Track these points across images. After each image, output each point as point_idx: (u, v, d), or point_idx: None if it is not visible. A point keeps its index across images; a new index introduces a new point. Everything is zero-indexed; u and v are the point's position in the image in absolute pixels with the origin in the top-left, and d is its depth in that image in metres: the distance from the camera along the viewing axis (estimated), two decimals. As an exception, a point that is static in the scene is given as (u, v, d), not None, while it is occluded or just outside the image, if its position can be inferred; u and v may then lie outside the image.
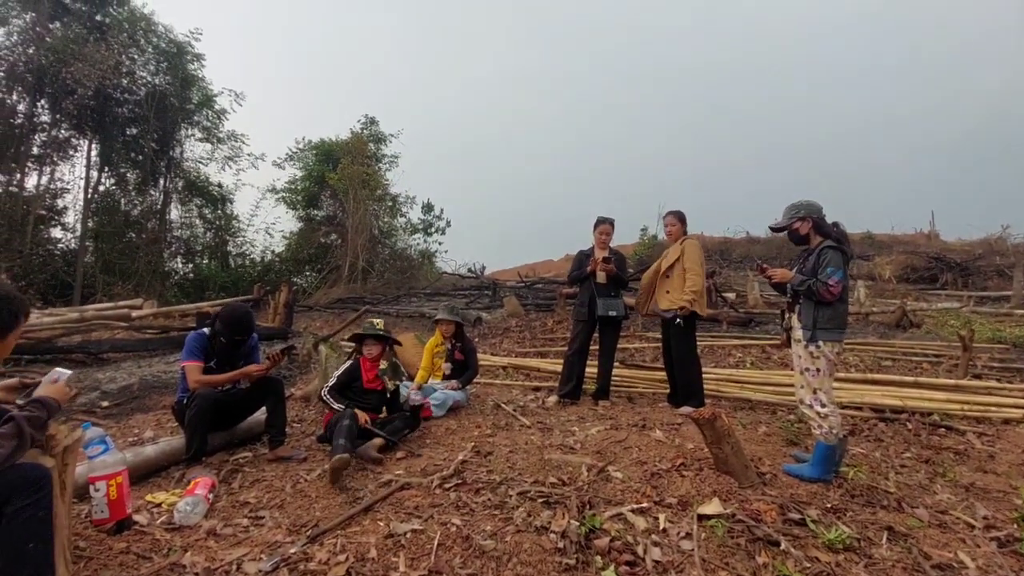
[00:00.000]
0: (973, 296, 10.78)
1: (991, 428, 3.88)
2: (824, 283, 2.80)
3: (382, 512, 2.37)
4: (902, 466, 3.20)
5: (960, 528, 2.43)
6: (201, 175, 16.81)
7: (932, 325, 7.88)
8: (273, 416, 3.22)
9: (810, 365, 2.87)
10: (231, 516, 2.40)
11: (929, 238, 17.37)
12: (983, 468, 3.18)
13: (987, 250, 14.17)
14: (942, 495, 2.79)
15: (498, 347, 7.31)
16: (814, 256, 2.92)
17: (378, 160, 18.19)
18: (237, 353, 3.26)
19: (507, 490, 2.61)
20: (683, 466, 2.90)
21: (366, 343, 3.67)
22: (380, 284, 15.68)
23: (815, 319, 2.85)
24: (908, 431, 3.85)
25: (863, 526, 2.39)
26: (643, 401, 4.78)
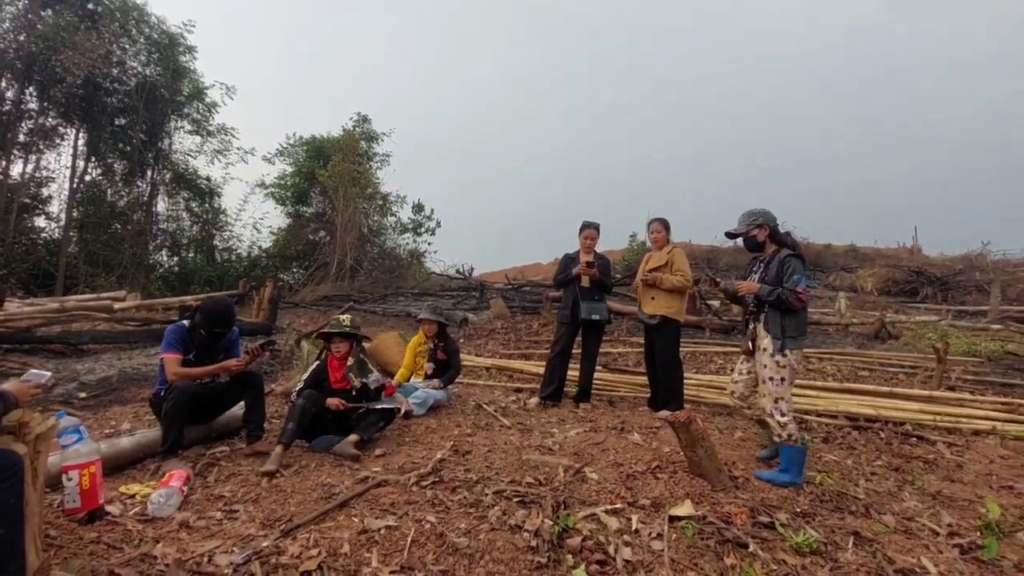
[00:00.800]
0: (951, 310, 11.00)
1: (961, 439, 3.98)
2: (792, 291, 2.87)
3: (357, 508, 2.38)
4: (872, 473, 3.26)
5: (925, 535, 2.48)
6: (189, 168, 16.68)
7: (910, 337, 8.03)
8: (251, 411, 3.21)
9: (775, 374, 2.93)
10: (205, 509, 2.39)
11: (912, 252, 17.70)
12: (951, 477, 3.26)
13: (967, 266, 14.48)
14: (909, 502, 2.85)
15: (483, 348, 7.32)
16: (776, 265, 2.99)
17: (369, 158, 18.16)
18: (217, 347, 3.25)
19: (483, 489, 2.63)
20: (658, 468, 2.93)
21: (333, 341, 3.59)
22: (368, 282, 15.64)
23: (783, 328, 2.91)
24: (880, 440, 3.93)
25: (831, 531, 2.44)
26: (623, 405, 4.82)
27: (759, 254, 3.18)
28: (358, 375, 3.58)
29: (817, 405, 4.58)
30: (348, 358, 3.59)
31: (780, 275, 2.94)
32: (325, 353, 3.65)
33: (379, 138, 18.43)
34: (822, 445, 3.81)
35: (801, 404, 4.59)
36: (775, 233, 3.11)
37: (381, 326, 9.20)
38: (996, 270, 13.79)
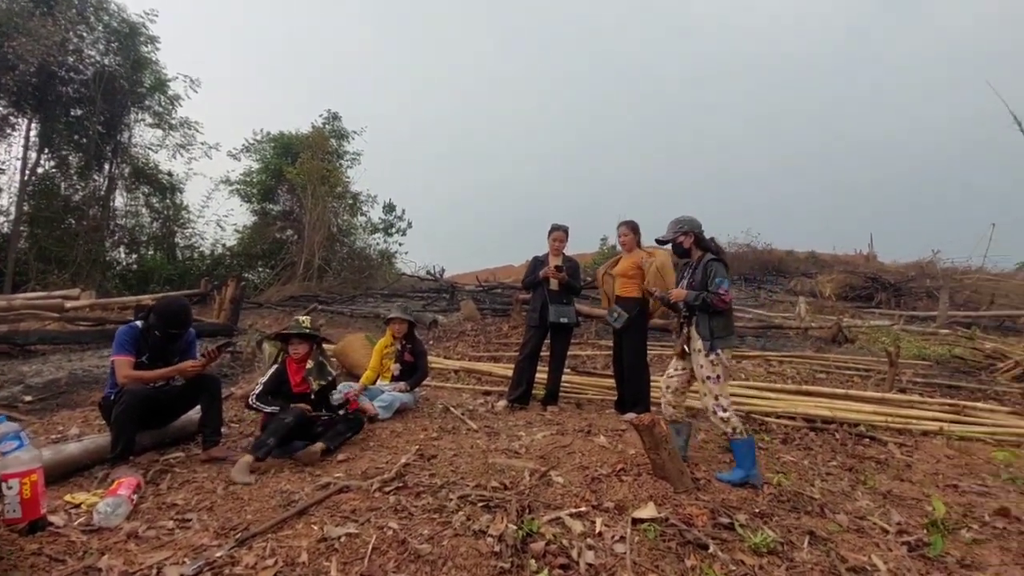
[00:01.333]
0: (903, 315, 11.47)
1: (911, 439, 4.14)
2: (715, 293, 3.04)
3: (317, 515, 2.32)
4: (828, 474, 3.37)
5: (876, 533, 2.57)
6: (150, 162, 16.05)
7: (865, 341, 8.33)
8: (207, 415, 3.11)
9: (711, 373, 3.07)
10: (156, 518, 2.30)
11: (867, 259, 18.39)
12: (900, 477, 3.39)
13: (919, 273, 15.12)
14: (862, 502, 2.95)
15: (452, 350, 7.28)
16: (700, 269, 3.17)
17: (339, 156, 17.85)
18: (172, 348, 3.13)
19: (448, 494, 2.61)
20: (623, 471, 2.96)
21: (292, 343, 3.50)
22: (336, 283, 15.35)
23: (711, 329, 3.07)
24: (836, 440, 4.06)
25: (787, 530, 2.50)
26: (591, 407, 4.86)
27: (688, 260, 3.35)
28: (317, 378, 3.50)
29: (777, 407, 4.70)
30: (307, 360, 3.51)
31: (705, 279, 3.12)
32: (283, 356, 3.55)
33: (350, 136, 18.14)
34: (781, 446, 3.91)
35: (762, 406, 4.71)
36: (700, 239, 3.30)
37: (349, 327, 9.05)
38: (945, 277, 14.45)
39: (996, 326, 10.54)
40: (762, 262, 17.63)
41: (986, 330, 9.87)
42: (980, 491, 3.16)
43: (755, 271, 17.04)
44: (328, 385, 3.55)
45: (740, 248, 18.30)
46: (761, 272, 17.01)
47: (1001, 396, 5.55)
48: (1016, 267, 16.63)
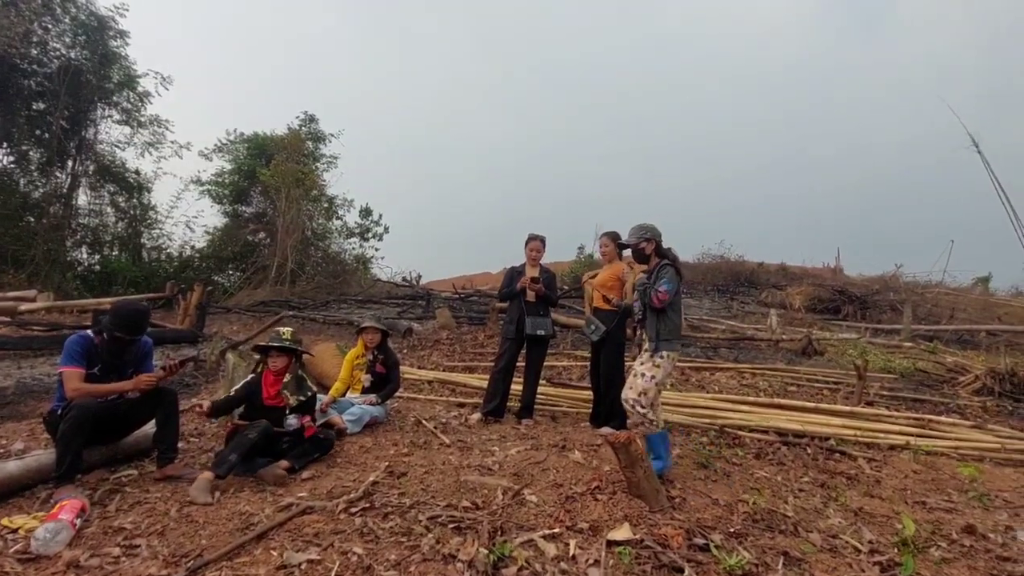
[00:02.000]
0: (869, 328, 11.78)
1: (879, 453, 4.20)
2: (655, 289, 3.19)
3: (277, 540, 2.20)
4: (800, 490, 3.37)
5: (848, 552, 2.57)
6: (117, 160, 15.53)
7: (833, 354, 8.50)
8: (163, 431, 2.94)
9: (648, 371, 3.18)
10: (100, 544, 2.14)
11: (835, 272, 18.91)
12: (871, 493, 3.41)
13: (883, 286, 15.57)
14: (834, 519, 2.95)
15: (426, 360, 7.15)
16: (654, 274, 3.31)
17: (315, 159, 17.58)
18: (125, 359, 2.95)
19: (417, 515, 2.51)
20: (598, 489, 2.90)
21: (271, 355, 3.37)
22: (309, 288, 15.04)
23: (658, 330, 3.20)
24: (807, 455, 4.09)
25: (762, 551, 2.47)
26: (566, 420, 4.80)
27: (644, 264, 3.48)
28: (295, 393, 3.36)
29: (750, 421, 4.72)
30: (286, 374, 3.38)
31: (655, 279, 3.26)
32: (261, 367, 3.42)
33: (326, 139, 17.90)
34: (754, 461, 3.91)
35: (736, 420, 4.72)
36: (660, 247, 3.42)
37: (320, 335, 8.83)
38: (908, 291, 14.93)
39: (956, 339, 10.89)
40: (734, 273, 17.94)
41: (947, 343, 10.18)
42: (947, 507, 3.20)
43: (728, 282, 17.32)
44: (307, 401, 3.42)
45: (714, 259, 18.61)
46: (733, 283, 17.30)
47: (963, 410, 5.70)
48: (972, 282, 17.32)
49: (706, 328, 10.45)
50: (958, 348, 9.87)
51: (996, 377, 6.50)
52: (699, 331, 9.97)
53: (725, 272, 17.87)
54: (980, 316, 13.29)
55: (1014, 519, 3.08)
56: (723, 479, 3.41)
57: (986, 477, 3.71)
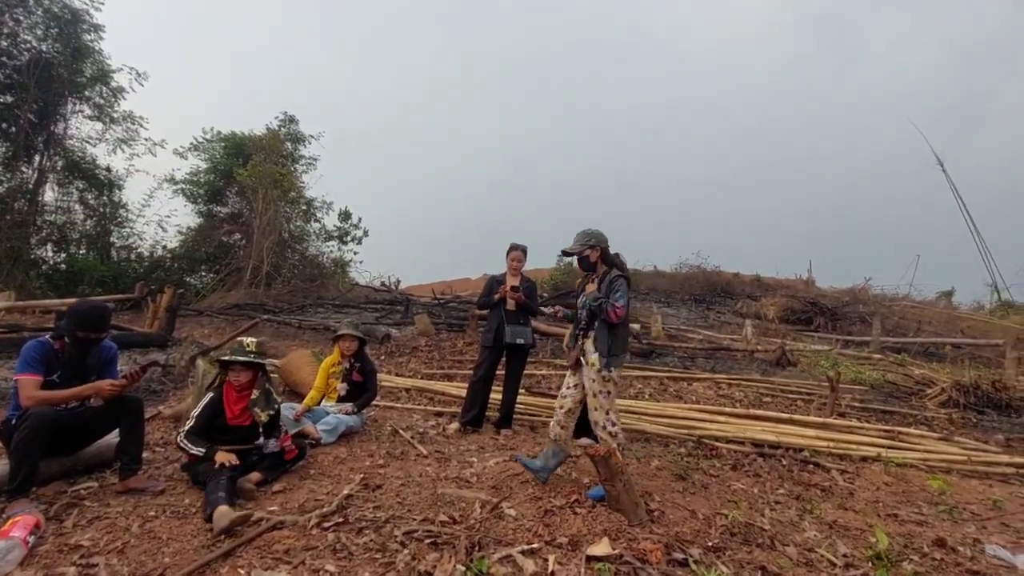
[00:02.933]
0: (840, 339, 12.05)
1: (851, 465, 4.26)
2: (612, 305, 3.09)
3: (245, 557, 2.11)
4: (776, 502, 3.40)
5: (824, 566, 2.58)
6: (87, 156, 15.01)
7: (806, 364, 8.67)
8: (127, 441, 2.81)
9: (602, 388, 3.10)
10: (55, 564, 2.02)
11: (807, 284, 19.32)
12: (844, 505, 3.46)
13: (852, 298, 15.98)
14: (809, 532, 2.98)
15: (404, 367, 7.04)
16: (606, 284, 3.20)
17: (294, 160, 17.28)
18: (87, 365, 2.82)
19: (393, 529, 2.45)
20: (577, 502, 2.88)
21: (233, 369, 3.13)
22: (286, 291, 14.72)
23: (609, 346, 3.09)
24: (783, 467, 4.13)
25: (740, 565, 2.47)
26: (545, 431, 4.76)
27: (592, 274, 3.37)
28: (264, 408, 3.15)
29: (727, 431, 4.76)
30: (252, 390, 3.16)
31: (609, 291, 3.16)
32: (220, 380, 3.18)
33: (306, 140, 17.61)
34: (731, 473, 3.94)
35: (712, 430, 4.75)
36: (605, 254, 3.31)
37: (296, 339, 8.65)
38: (876, 304, 15.34)
39: (923, 352, 11.21)
40: (711, 283, 18.21)
41: (914, 356, 10.47)
42: (918, 520, 3.26)
43: (705, 292, 17.57)
44: (275, 415, 3.23)
45: (691, 269, 18.86)
46: (710, 293, 17.56)
47: (931, 422, 5.85)
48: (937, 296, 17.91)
49: (683, 337, 10.56)
50: (924, 360, 10.16)
51: (961, 390, 6.69)
52: (676, 340, 10.06)
53: (702, 282, 18.13)
54: (944, 329, 13.72)
55: (981, 532, 3.15)
56: (701, 491, 3.42)
57: (954, 489, 3.79)
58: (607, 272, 3.25)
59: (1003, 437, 5.41)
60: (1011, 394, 6.64)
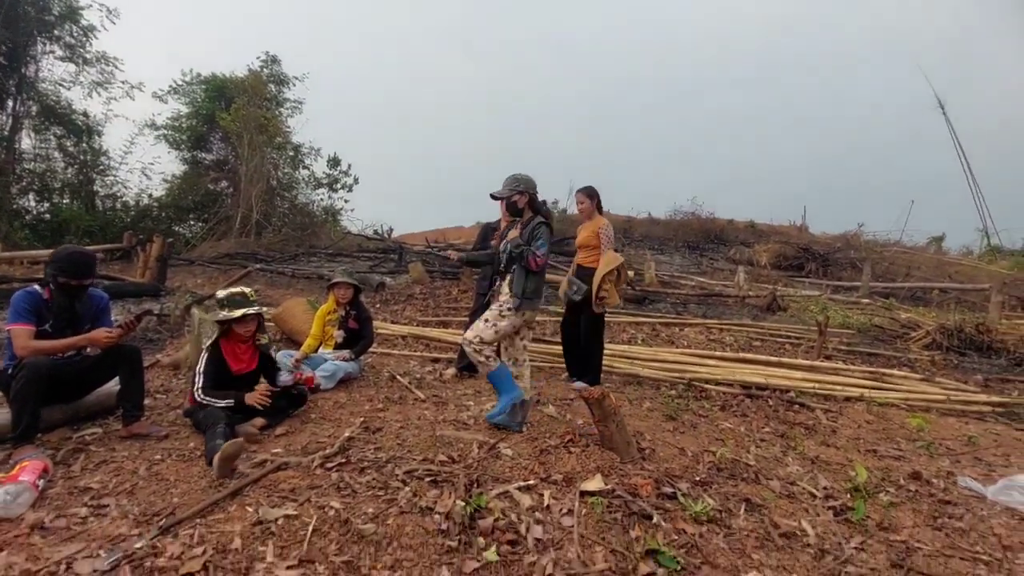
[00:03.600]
0: (830, 285, 12.20)
1: (835, 405, 4.42)
2: (533, 252, 3.12)
3: (252, 496, 2.19)
4: (761, 440, 3.54)
5: (805, 498, 2.72)
6: (62, 100, 14.38)
7: (796, 310, 8.80)
8: (127, 389, 2.84)
9: (496, 320, 3.14)
10: (66, 505, 2.09)
11: (800, 230, 19.32)
12: (827, 442, 3.61)
13: (845, 244, 16.04)
14: (792, 467, 3.12)
15: (400, 315, 7.09)
16: (528, 230, 3.21)
17: (279, 104, 16.65)
18: (79, 314, 2.80)
19: (394, 469, 2.53)
20: (571, 442, 2.97)
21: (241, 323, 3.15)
22: (276, 240, 14.55)
23: (524, 288, 3.14)
24: (769, 407, 4.27)
25: (725, 498, 2.60)
26: (540, 375, 4.87)
27: (517, 219, 3.36)
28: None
29: (717, 375, 4.89)
30: (256, 336, 3.26)
31: (531, 238, 3.18)
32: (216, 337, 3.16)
33: (290, 82, 16.89)
34: (720, 413, 4.07)
35: (703, 374, 4.88)
36: (533, 200, 3.30)
37: (290, 288, 8.64)
38: (868, 249, 15.43)
39: (910, 296, 11.40)
40: (705, 230, 18.17)
41: (902, 300, 10.65)
42: (896, 455, 3.41)
43: (699, 239, 17.56)
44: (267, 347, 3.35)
45: (685, 216, 18.76)
46: (704, 240, 17.55)
47: (913, 363, 6.02)
48: (928, 241, 18.03)
49: (676, 284, 10.64)
50: (912, 305, 10.33)
51: (945, 332, 6.86)
52: (670, 287, 10.15)
53: (696, 229, 18.08)
54: (933, 274, 13.89)
55: (955, 465, 3.31)
56: (690, 430, 3.55)
57: (932, 427, 3.95)
58: (532, 218, 3.26)
59: (982, 377, 5.60)
60: (992, 336, 6.82)
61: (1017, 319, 8.63)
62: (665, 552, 2.07)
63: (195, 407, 2.96)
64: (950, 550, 2.33)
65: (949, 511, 2.68)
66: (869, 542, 2.34)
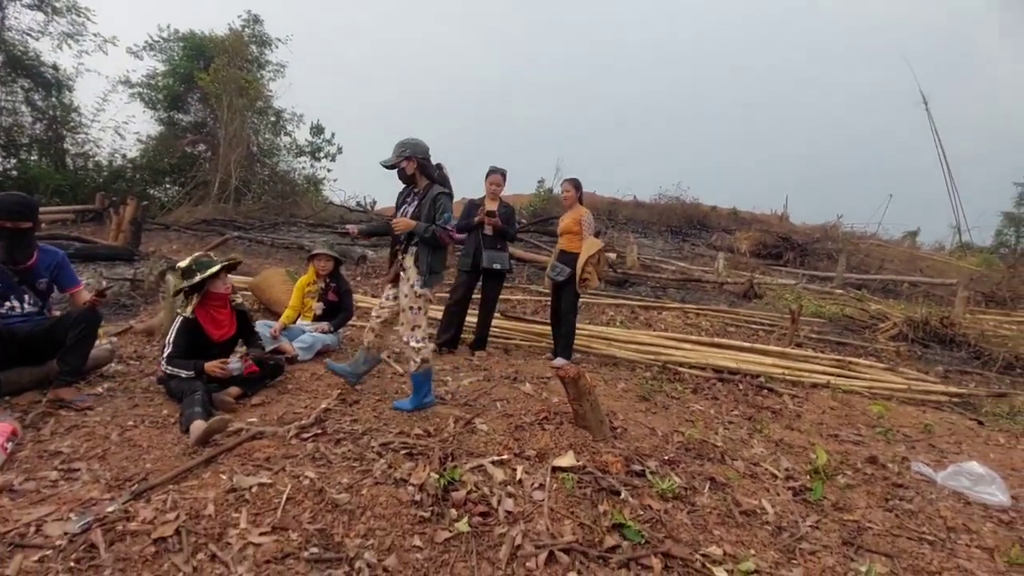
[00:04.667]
0: (806, 275, 12.45)
1: (802, 391, 4.56)
2: (443, 228, 2.99)
3: (226, 464, 2.20)
4: (730, 422, 3.65)
5: (767, 478, 2.83)
6: (30, 51, 13.70)
7: (772, 297, 8.99)
8: (73, 349, 2.75)
9: (414, 304, 3.03)
10: (36, 468, 2.08)
11: (781, 219, 19.59)
12: (791, 426, 3.74)
13: (823, 235, 16.34)
14: (757, 449, 3.23)
15: (380, 289, 7.05)
16: (428, 201, 3.03)
17: (261, 66, 16.11)
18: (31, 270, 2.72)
19: (370, 441, 2.56)
20: (546, 419, 3.03)
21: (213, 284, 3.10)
22: (256, 208, 14.25)
23: (430, 264, 3.01)
24: (739, 391, 4.40)
25: (691, 476, 2.69)
26: (519, 353, 4.93)
27: (414, 187, 3.17)
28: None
29: (690, 358, 5.00)
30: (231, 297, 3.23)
31: (432, 212, 3.01)
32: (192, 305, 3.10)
33: (273, 44, 16.34)
34: (691, 395, 4.18)
35: (677, 357, 4.98)
36: (424, 166, 3.11)
37: (269, 258, 8.52)
38: (845, 241, 15.75)
39: (882, 288, 11.71)
40: (689, 216, 18.30)
41: (873, 292, 10.94)
42: (856, 440, 3.56)
43: (682, 224, 17.70)
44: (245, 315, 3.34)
45: (670, 201, 18.85)
46: (687, 225, 17.70)
47: (879, 353, 6.22)
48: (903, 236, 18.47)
49: (657, 268, 10.75)
50: (882, 296, 10.63)
51: (911, 325, 7.08)
52: (651, 271, 10.25)
53: (680, 214, 18.20)
54: (905, 268, 14.27)
55: (910, 451, 3.47)
56: (662, 411, 3.64)
57: (891, 414, 4.12)
58: (429, 188, 3.08)
59: (942, 369, 5.83)
60: (956, 330, 7.07)
61: (981, 314, 8.96)
62: (631, 526, 2.15)
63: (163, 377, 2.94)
64: (898, 530, 2.46)
65: (901, 494, 2.82)
66: (824, 521, 2.46)
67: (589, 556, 1.99)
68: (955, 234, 18.59)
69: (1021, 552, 2.34)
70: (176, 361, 2.93)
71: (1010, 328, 7.80)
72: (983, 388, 5.34)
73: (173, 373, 2.90)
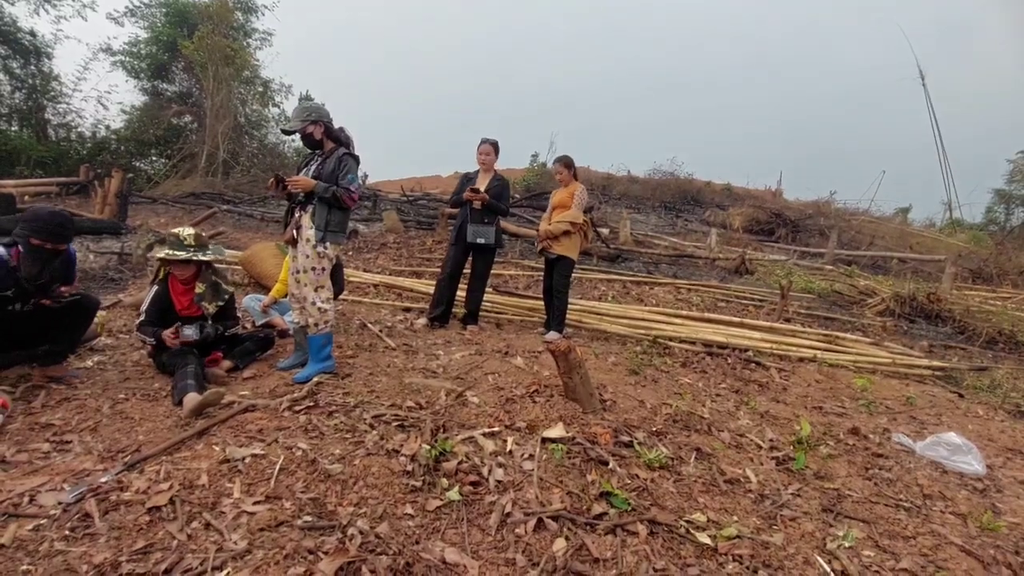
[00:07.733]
0: (797, 251, 12.52)
1: (789, 365, 4.64)
2: (346, 189, 2.96)
3: (219, 436, 2.22)
4: (717, 395, 3.71)
5: (751, 449, 2.90)
6: (5, 16, 13.23)
7: (763, 273, 9.05)
8: (67, 333, 2.73)
9: (316, 264, 3.01)
10: (27, 440, 2.09)
11: (775, 195, 19.59)
12: (777, 399, 3.81)
13: (816, 211, 16.39)
14: (743, 420, 3.30)
15: (372, 263, 7.03)
16: (333, 162, 3.01)
17: (247, 34, 15.68)
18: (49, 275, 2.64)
19: (362, 413, 2.58)
20: (536, 392, 3.07)
21: (174, 266, 3.05)
22: (245, 181, 14.04)
23: (327, 221, 2.97)
24: (727, 364, 4.46)
25: (678, 447, 2.75)
26: (510, 328, 4.96)
27: (320, 152, 3.14)
28: (213, 299, 3.12)
29: (680, 332, 5.05)
30: (196, 284, 3.09)
31: (336, 172, 2.98)
32: (164, 274, 3.08)
33: (259, 11, 15.88)
34: (680, 369, 4.24)
35: (667, 331, 5.03)
36: (330, 130, 3.10)
37: (259, 232, 8.44)
38: (837, 217, 15.81)
39: (872, 265, 11.81)
40: (683, 191, 18.27)
41: (863, 268, 11.03)
42: (839, 412, 3.64)
43: (675, 199, 17.66)
44: (226, 305, 3.22)
45: (664, 176, 18.78)
46: (681, 201, 17.67)
47: (866, 328, 6.32)
48: (894, 212, 18.56)
49: (650, 243, 10.76)
50: (872, 273, 10.72)
51: (899, 300, 7.18)
52: (643, 246, 10.26)
53: (673, 189, 18.15)
54: (895, 244, 14.37)
55: (892, 423, 3.55)
56: (651, 384, 3.69)
57: (875, 387, 4.21)
58: (334, 150, 3.06)
59: (927, 343, 5.93)
60: (942, 306, 7.17)
61: (968, 290, 9.08)
62: (618, 494, 2.20)
63: (159, 349, 2.93)
64: (876, 497, 2.54)
65: (880, 463, 2.90)
66: (805, 489, 2.53)
67: (577, 523, 2.04)
68: (946, 211, 18.70)
69: (992, 518, 2.43)
70: (144, 328, 2.94)
71: (995, 304, 7.92)
72: (965, 362, 5.45)
73: (141, 339, 2.93)
